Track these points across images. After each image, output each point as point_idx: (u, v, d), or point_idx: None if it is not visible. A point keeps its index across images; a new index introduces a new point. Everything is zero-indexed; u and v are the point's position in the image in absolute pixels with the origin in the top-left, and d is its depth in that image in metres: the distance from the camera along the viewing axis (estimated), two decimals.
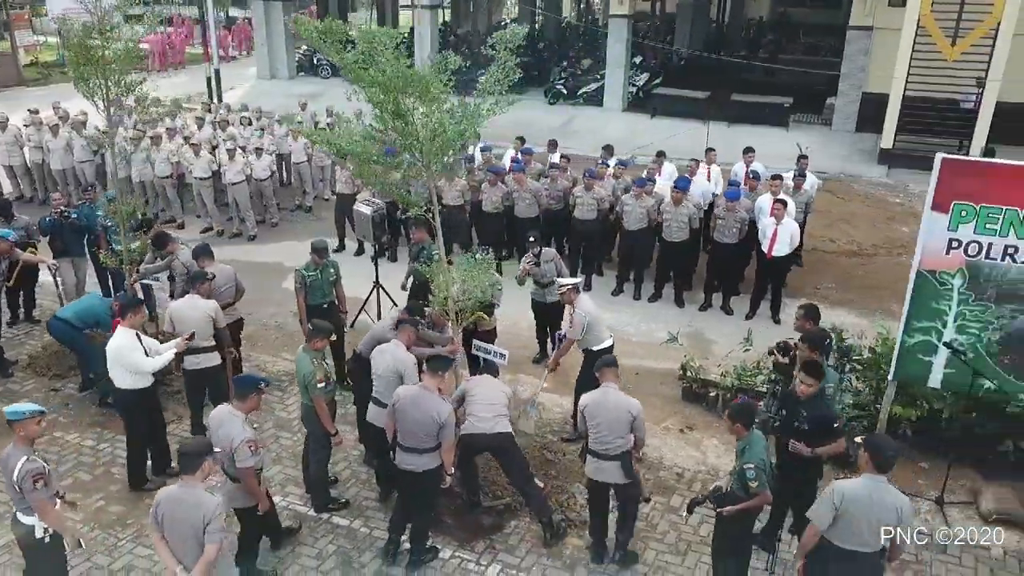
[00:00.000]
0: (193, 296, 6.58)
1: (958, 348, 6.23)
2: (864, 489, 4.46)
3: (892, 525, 4.46)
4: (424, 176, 6.05)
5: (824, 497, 4.54)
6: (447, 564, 5.71)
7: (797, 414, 5.42)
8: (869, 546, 4.50)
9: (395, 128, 5.73)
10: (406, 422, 5.34)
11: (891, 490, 4.51)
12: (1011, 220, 5.82)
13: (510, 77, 6.27)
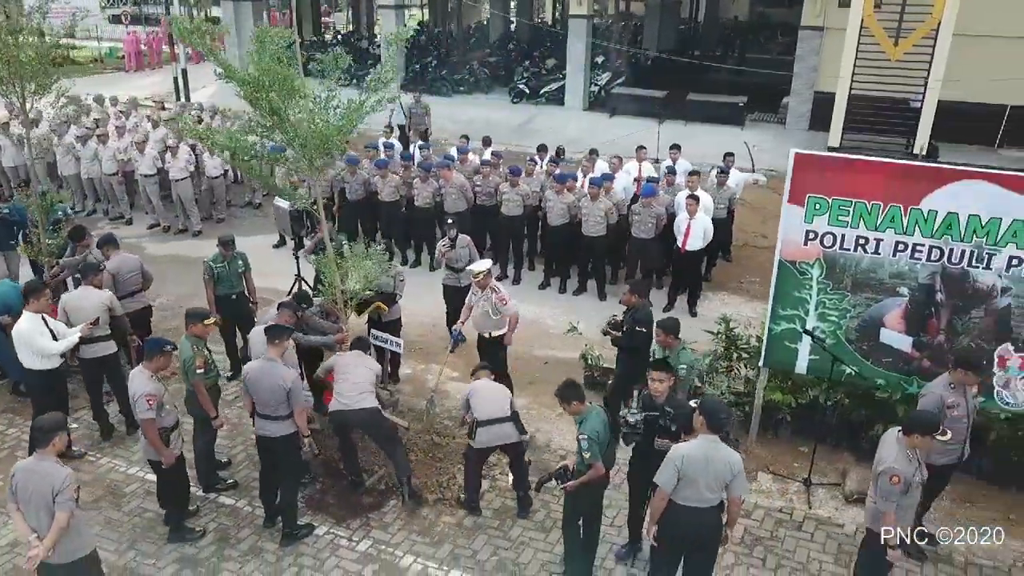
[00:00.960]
0: (86, 287, 6.86)
1: (817, 336, 6.53)
2: (700, 450, 4.78)
3: (727, 480, 4.81)
4: (307, 172, 6.33)
5: (667, 462, 4.84)
6: (320, 540, 6.00)
7: (662, 414, 5.40)
8: (708, 501, 4.85)
9: (273, 124, 6.01)
10: (258, 392, 5.71)
11: (723, 448, 4.84)
12: (860, 212, 6.10)
13: (394, 76, 6.48)
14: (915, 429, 4.90)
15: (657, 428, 5.33)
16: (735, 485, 4.85)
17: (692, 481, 4.78)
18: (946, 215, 5.87)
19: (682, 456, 4.78)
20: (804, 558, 5.92)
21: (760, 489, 6.73)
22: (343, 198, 11.48)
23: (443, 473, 6.69)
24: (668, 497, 4.86)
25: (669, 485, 4.82)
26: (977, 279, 5.98)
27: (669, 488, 4.83)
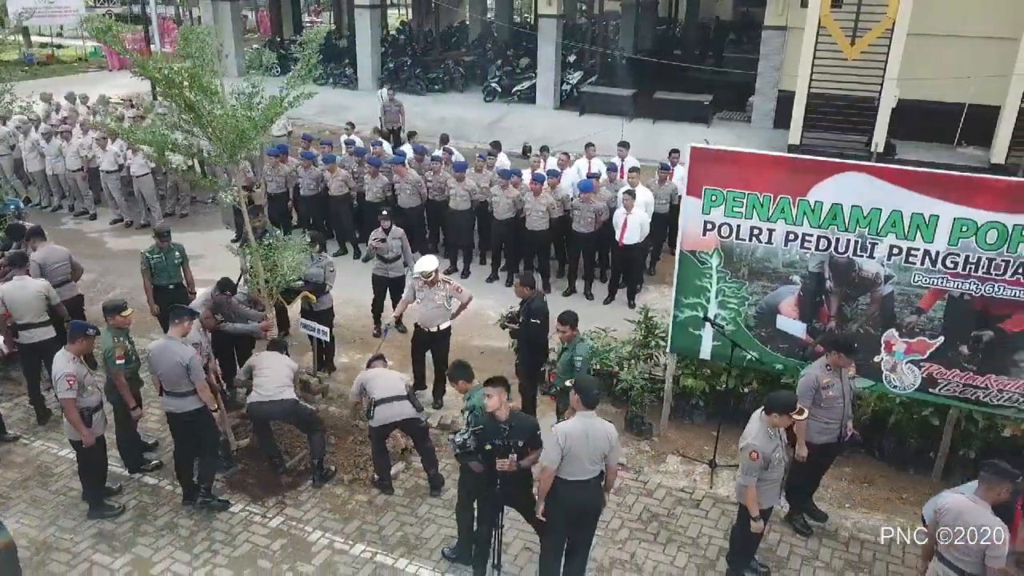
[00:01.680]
0: (21, 277, 7.14)
1: (717, 323, 6.81)
2: (579, 426, 5.06)
3: (606, 452, 5.11)
4: (226, 163, 6.61)
5: (550, 441, 5.09)
6: (234, 517, 6.28)
7: (499, 432, 5.23)
8: (590, 473, 5.12)
9: (189, 120, 6.30)
10: (161, 370, 6.02)
11: (599, 421, 5.15)
12: (753, 203, 6.38)
13: (311, 73, 6.76)
14: (774, 408, 5.19)
15: (496, 448, 5.18)
16: (612, 456, 5.16)
17: (575, 456, 5.05)
18: (831, 206, 6.14)
19: (565, 434, 5.04)
20: (696, 533, 6.20)
21: (667, 471, 7.01)
22: (298, 193, 11.75)
23: (361, 455, 6.97)
24: (554, 475, 5.12)
25: (554, 463, 5.07)
26: (862, 267, 6.25)
27: (555, 466, 5.07)
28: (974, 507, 4.48)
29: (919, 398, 6.54)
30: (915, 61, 15.54)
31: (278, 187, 11.74)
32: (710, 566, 5.86)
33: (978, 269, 5.89)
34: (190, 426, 6.06)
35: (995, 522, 4.40)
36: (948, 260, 5.95)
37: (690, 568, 5.85)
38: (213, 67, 6.41)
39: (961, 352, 6.19)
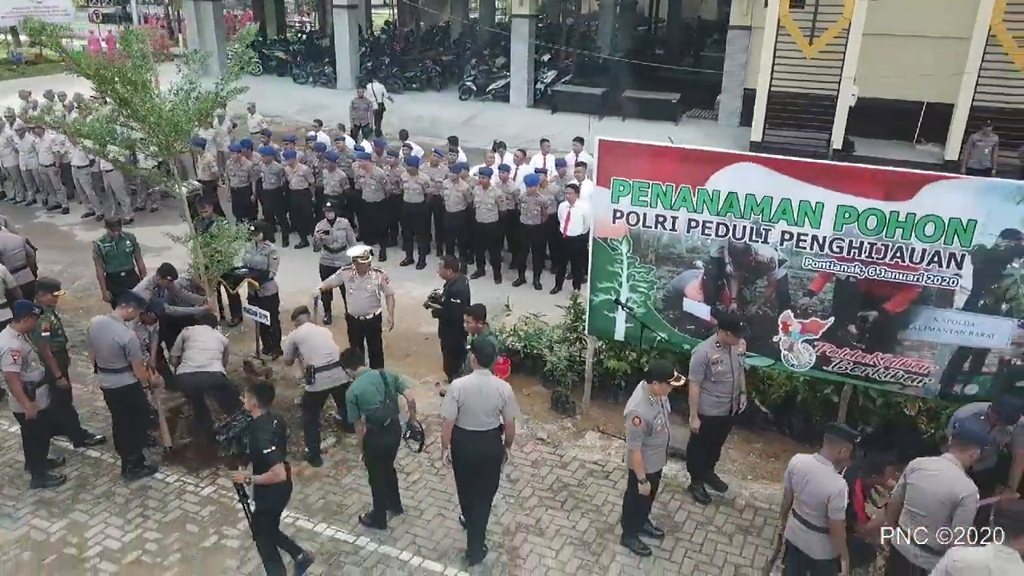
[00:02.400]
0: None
1: (627, 306, 7.22)
2: (475, 381, 5.61)
3: (500, 407, 5.62)
4: (162, 154, 7.03)
5: (448, 395, 5.64)
6: (169, 486, 6.69)
7: (256, 437, 5.35)
8: (487, 425, 5.64)
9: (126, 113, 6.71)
10: (98, 347, 6.46)
11: (493, 379, 5.69)
12: (657, 193, 6.78)
13: (245, 69, 7.17)
14: (654, 377, 5.62)
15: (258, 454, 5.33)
16: (507, 411, 5.66)
17: (470, 409, 5.58)
18: (727, 194, 6.54)
19: (459, 388, 5.59)
20: (601, 501, 6.61)
21: (584, 445, 7.42)
22: (260, 187, 12.16)
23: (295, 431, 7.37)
24: (453, 424, 5.63)
25: (452, 415, 5.60)
26: (758, 252, 6.65)
27: (452, 417, 5.61)
28: (820, 467, 4.89)
29: (815, 376, 6.95)
30: (872, 60, 15.94)
31: (241, 181, 12.16)
32: (609, 530, 6.27)
33: (861, 253, 6.29)
34: (124, 400, 6.46)
35: (837, 479, 4.81)
36: (834, 245, 6.35)
37: (590, 532, 6.26)
38: (148, 64, 6.80)
39: (850, 331, 6.59)
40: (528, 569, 5.86)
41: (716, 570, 5.90)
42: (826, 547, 4.95)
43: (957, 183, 6.00)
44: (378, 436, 5.98)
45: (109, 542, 6.04)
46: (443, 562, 5.91)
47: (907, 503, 4.94)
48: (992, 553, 4.08)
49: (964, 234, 5.97)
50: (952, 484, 4.68)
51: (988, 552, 4.10)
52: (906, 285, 6.26)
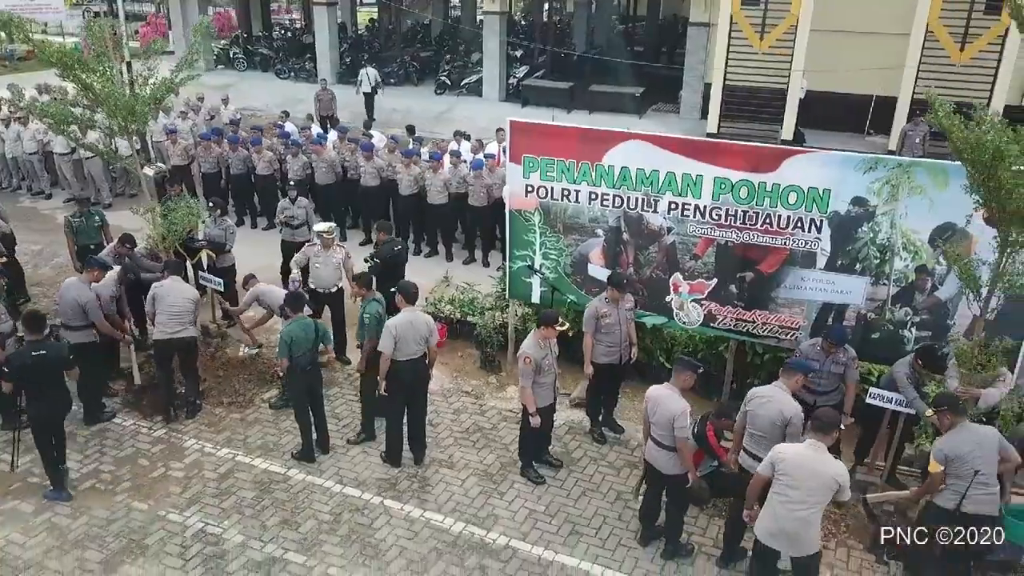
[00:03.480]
0: None
1: (540, 271, 8.03)
2: (406, 318, 6.63)
3: (426, 335, 6.74)
4: (119, 134, 7.84)
5: (385, 332, 6.57)
6: (125, 429, 7.51)
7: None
8: (416, 353, 6.68)
9: (87, 97, 7.52)
10: (61, 303, 7.26)
11: (420, 313, 6.80)
12: (562, 169, 7.60)
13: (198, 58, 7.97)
14: (541, 323, 6.45)
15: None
16: (431, 338, 6.72)
17: (405, 340, 6.60)
18: (621, 169, 7.36)
19: (394, 325, 6.55)
20: (509, 440, 7.42)
21: (504, 397, 8.24)
22: (229, 172, 12.97)
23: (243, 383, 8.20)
24: (391, 358, 6.56)
25: (390, 349, 6.56)
26: (649, 221, 7.47)
27: (390, 351, 6.55)
28: (668, 392, 5.71)
29: (704, 332, 7.76)
30: (822, 55, 16.76)
31: (211, 167, 12.96)
32: (512, 464, 7.09)
33: (736, 220, 7.11)
34: (83, 355, 7.23)
35: (680, 402, 5.62)
36: (713, 213, 7.17)
37: (495, 464, 7.09)
38: (109, 53, 7.60)
39: (731, 291, 7.41)
40: (435, 495, 6.68)
41: (600, 496, 6.72)
42: (675, 463, 5.77)
43: (813, 156, 6.83)
44: (301, 377, 6.81)
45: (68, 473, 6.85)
46: (361, 489, 6.73)
47: (748, 427, 5.76)
48: (806, 444, 5.00)
49: (821, 201, 6.78)
50: (781, 406, 5.51)
51: (803, 444, 5.05)
52: (775, 248, 7.08)
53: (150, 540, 6.11)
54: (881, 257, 6.77)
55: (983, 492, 5.17)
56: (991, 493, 5.19)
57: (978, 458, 5.16)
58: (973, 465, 5.16)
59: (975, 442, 5.20)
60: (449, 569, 5.87)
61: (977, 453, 5.17)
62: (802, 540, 4.94)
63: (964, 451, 5.16)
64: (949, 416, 5.27)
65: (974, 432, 5.27)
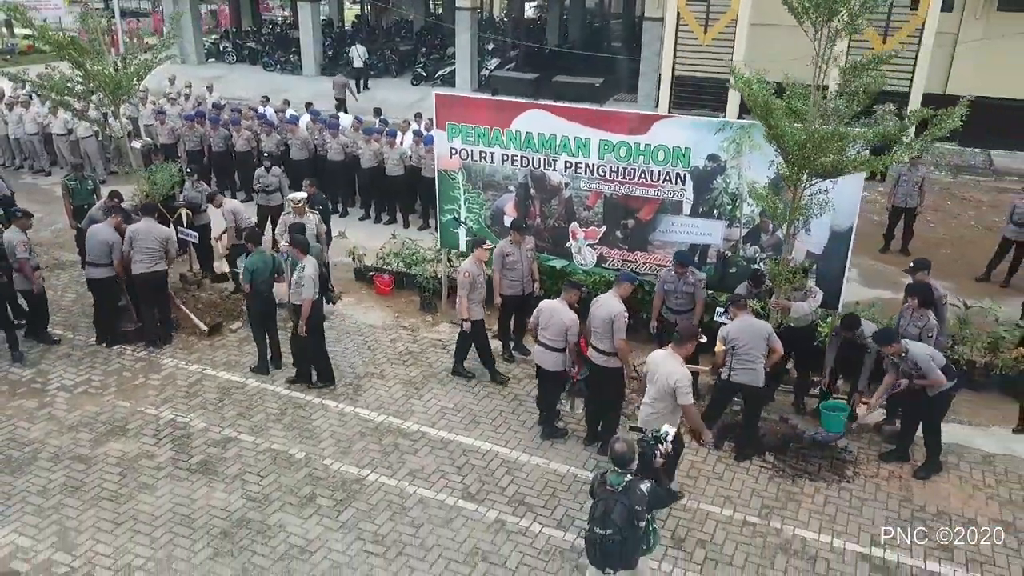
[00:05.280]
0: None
1: (464, 223, 9.50)
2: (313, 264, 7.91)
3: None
4: (108, 107, 9.31)
5: (307, 280, 7.81)
6: (113, 352, 8.97)
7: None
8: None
9: (81, 74, 8.99)
10: (89, 244, 8.77)
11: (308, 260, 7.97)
12: (478, 134, 9.06)
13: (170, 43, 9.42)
14: (475, 246, 8.08)
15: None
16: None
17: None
18: (525, 134, 8.82)
19: (312, 272, 7.83)
20: (434, 360, 8.90)
21: (436, 331, 9.70)
22: (211, 150, 14.43)
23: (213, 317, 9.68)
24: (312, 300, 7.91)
25: (313, 294, 7.86)
26: (550, 178, 8.94)
27: (313, 295, 7.86)
28: (560, 306, 7.19)
29: (598, 272, 9.22)
30: (761, 47, 18.18)
31: (194, 145, 14.43)
32: (434, 375, 8.57)
33: (618, 176, 8.58)
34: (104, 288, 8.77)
35: (571, 315, 7.13)
36: (600, 170, 8.64)
37: (419, 376, 8.57)
38: (100, 39, 9.05)
39: (617, 236, 8.88)
40: (365, 397, 8.16)
41: (501, 398, 8.20)
42: (557, 362, 7.27)
43: (675, 120, 8.33)
44: (259, 302, 8.29)
45: (64, 381, 8.34)
46: (304, 392, 8.19)
47: (589, 325, 7.21)
48: (666, 352, 6.30)
49: (684, 158, 8.25)
50: (609, 308, 6.97)
51: (664, 352, 6.32)
52: (650, 199, 8.56)
53: (130, 426, 7.59)
54: (733, 203, 8.25)
55: (746, 366, 6.82)
56: (752, 368, 6.83)
57: (747, 342, 6.79)
58: (743, 346, 6.79)
59: (748, 330, 6.81)
60: (368, 445, 7.35)
61: (746, 338, 6.79)
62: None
63: (739, 335, 6.82)
64: (734, 310, 6.85)
65: (751, 323, 6.86)
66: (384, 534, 6.23)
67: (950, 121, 6.39)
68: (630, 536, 4.63)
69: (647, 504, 4.65)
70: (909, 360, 6.54)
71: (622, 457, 4.73)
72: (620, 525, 4.58)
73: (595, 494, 4.88)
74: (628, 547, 4.67)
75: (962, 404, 8.18)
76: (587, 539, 4.86)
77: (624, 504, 4.59)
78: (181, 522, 6.34)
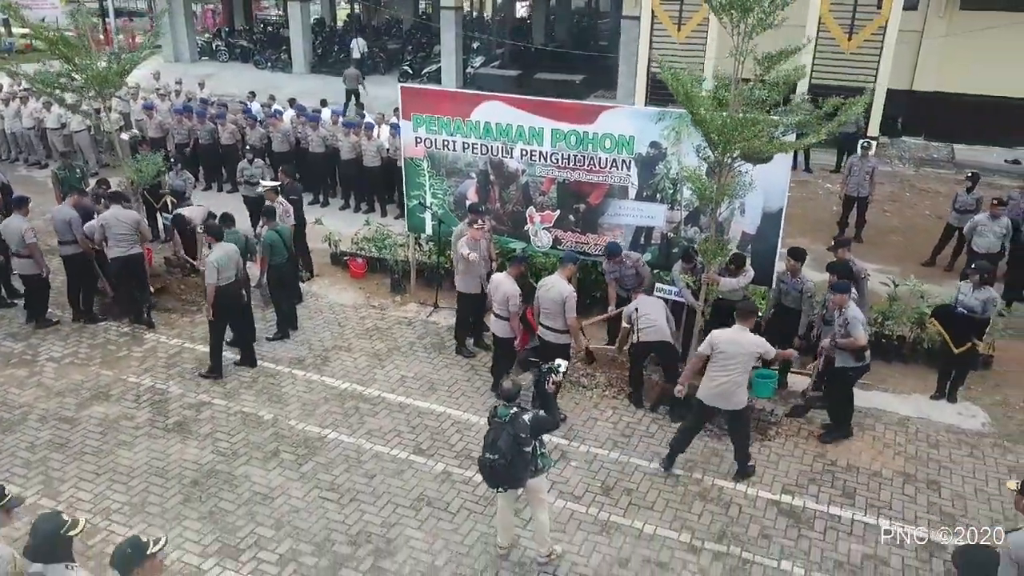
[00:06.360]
0: None
1: (429, 207, 10.12)
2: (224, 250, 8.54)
3: (238, 261, 8.84)
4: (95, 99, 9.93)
5: (209, 267, 8.26)
6: (99, 327, 9.60)
7: None
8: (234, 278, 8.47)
9: (71, 70, 9.60)
10: (56, 225, 9.33)
11: (228, 245, 8.50)
12: (441, 124, 9.68)
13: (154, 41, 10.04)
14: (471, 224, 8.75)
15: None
16: (240, 261, 8.56)
17: (225, 268, 8.29)
18: (484, 123, 9.44)
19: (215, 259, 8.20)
20: (399, 336, 9.53)
21: (404, 311, 10.32)
22: (198, 143, 15.06)
23: (194, 297, 10.30)
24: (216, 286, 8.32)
25: (215, 279, 8.24)
26: (508, 165, 9.55)
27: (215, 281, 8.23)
28: (506, 279, 7.88)
29: (553, 253, 9.84)
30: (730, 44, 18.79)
31: (182, 138, 15.06)
32: (397, 349, 9.19)
33: (569, 162, 9.19)
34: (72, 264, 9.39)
35: (514, 286, 7.83)
36: (553, 157, 9.25)
37: (384, 349, 9.20)
38: (87, 36, 9.67)
39: (570, 219, 9.49)
40: (332, 367, 8.79)
41: (459, 368, 8.83)
42: (504, 329, 7.93)
43: (620, 110, 8.95)
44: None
45: (53, 353, 8.97)
46: (276, 363, 8.82)
47: (539, 305, 7.84)
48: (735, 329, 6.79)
49: (628, 146, 8.87)
50: (559, 289, 7.62)
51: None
52: (599, 184, 9.17)
53: (113, 392, 8.23)
54: (674, 188, 8.87)
55: (650, 328, 7.67)
56: (655, 328, 7.70)
57: (648, 313, 7.68)
58: (644, 315, 7.70)
59: (648, 303, 7.82)
60: (331, 408, 7.98)
61: (647, 308, 7.74)
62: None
63: (642, 309, 7.76)
64: (636, 293, 7.96)
65: (649, 300, 7.97)
66: (340, 483, 6.86)
67: (854, 109, 7.02)
68: (516, 460, 5.32)
69: (530, 431, 5.33)
70: (847, 314, 7.18)
71: (508, 393, 5.47)
72: (506, 450, 5.27)
73: (489, 424, 5.56)
74: (515, 470, 5.36)
75: (890, 374, 8.86)
76: (479, 463, 5.54)
77: (510, 433, 5.29)
78: (155, 473, 6.97)
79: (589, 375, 8.66)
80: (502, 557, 6.03)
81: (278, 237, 9.15)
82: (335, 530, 6.31)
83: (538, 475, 5.66)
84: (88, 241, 9.46)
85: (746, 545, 6.23)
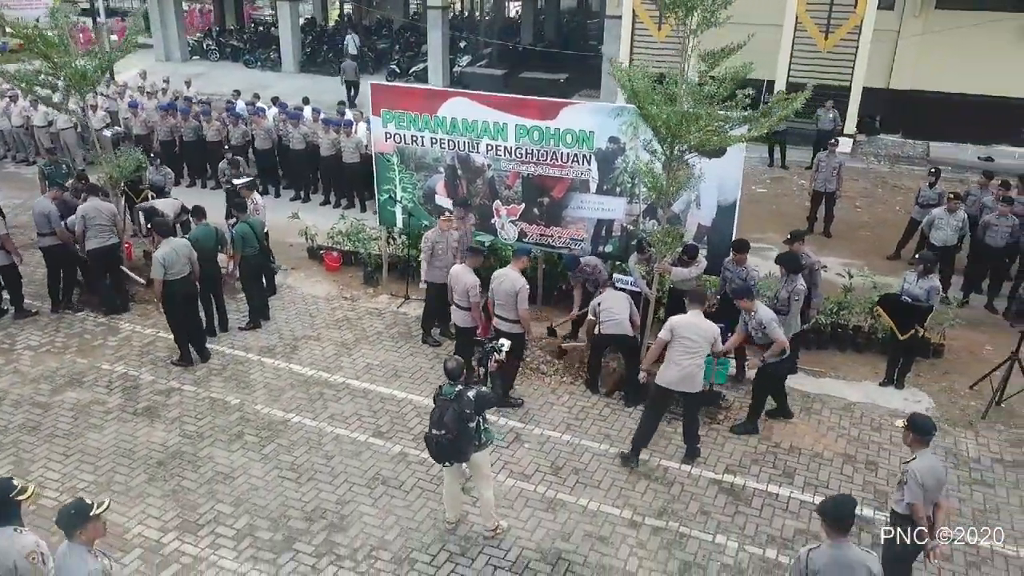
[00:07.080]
0: None
1: (400, 201, 10.39)
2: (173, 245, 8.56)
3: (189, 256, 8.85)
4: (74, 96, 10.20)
5: (155, 263, 8.48)
6: (76, 316, 9.87)
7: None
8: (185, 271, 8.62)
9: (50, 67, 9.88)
10: (35, 217, 9.60)
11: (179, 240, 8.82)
12: (410, 120, 9.95)
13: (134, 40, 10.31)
14: (442, 217, 8.96)
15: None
16: (192, 255, 8.68)
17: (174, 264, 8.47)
18: (451, 119, 9.71)
19: (163, 254, 8.38)
20: (369, 326, 9.81)
21: (376, 301, 10.60)
22: (182, 141, 15.34)
23: None
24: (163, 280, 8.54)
25: (161, 274, 8.45)
26: (475, 160, 9.82)
27: (162, 276, 8.49)
28: (465, 272, 8.11)
29: (519, 246, 10.09)
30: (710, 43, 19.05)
31: (167, 135, 15.34)
32: (365, 338, 9.47)
33: (533, 157, 9.46)
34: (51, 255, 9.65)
35: (473, 277, 8.09)
36: (517, 152, 9.53)
37: (352, 339, 9.47)
38: (65, 35, 9.94)
39: (534, 212, 9.76)
40: (300, 355, 9.06)
41: (424, 357, 9.12)
42: (466, 319, 8.19)
43: (579, 107, 9.22)
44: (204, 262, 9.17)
45: (30, 342, 9.24)
46: (246, 351, 9.10)
47: (492, 297, 8.11)
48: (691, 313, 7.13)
49: (588, 141, 9.14)
50: (512, 281, 7.89)
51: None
52: (562, 178, 9.44)
53: (86, 379, 8.51)
54: (632, 182, 9.14)
55: (610, 321, 7.94)
56: (616, 322, 7.94)
57: (611, 307, 7.97)
58: (607, 309, 7.97)
59: (612, 298, 8.07)
60: (296, 394, 8.26)
61: (610, 303, 8.00)
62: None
63: (605, 303, 8.05)
64: (602, 288, 8.29)
65: (614, 295, 8.21)
66: (300, 464, 7.14)
67: (794, 104, 7.29)
68: (462, 435, 5.57)
69: (474, 407, 5.58)
70: (758, 317, 7.39)
71: (452, 371, 5.73)
72: (451, 426, 5.52)
73: (435, 402, 5.81)
74: (459, 444, 5.62)
75: (843, 362, 9.15)
76: (426, 439, 5.80)
77: (455, 409, 5.54)
78: (123, 454, 7.24)
79: (549, 362, 8.94)
80: (449, 531, 6.31)
81: (249, 229, 9.43)
82: (291, 507, 6.59)
83: (482, 449, 5.93)
84: (68, 233, 9.71)
85: (684, 521, 6.51)
